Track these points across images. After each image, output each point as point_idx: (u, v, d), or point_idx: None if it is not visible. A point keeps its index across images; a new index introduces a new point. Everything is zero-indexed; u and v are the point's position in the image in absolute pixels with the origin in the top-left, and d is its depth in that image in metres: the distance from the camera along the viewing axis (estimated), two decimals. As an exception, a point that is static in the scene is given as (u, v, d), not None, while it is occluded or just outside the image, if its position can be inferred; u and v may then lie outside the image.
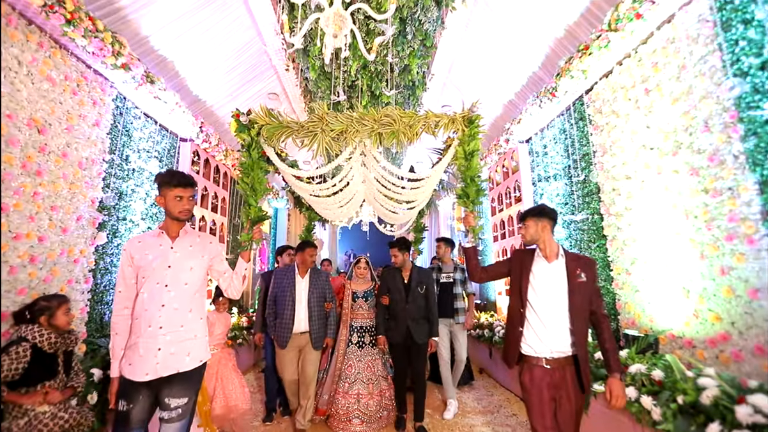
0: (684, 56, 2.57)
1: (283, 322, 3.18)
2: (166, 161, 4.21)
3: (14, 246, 2.40)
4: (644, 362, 2.41)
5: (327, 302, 3.40)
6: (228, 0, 3.71)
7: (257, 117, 2.80)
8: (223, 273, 2.16)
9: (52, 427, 2.01)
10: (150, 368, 1.79)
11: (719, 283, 2.38)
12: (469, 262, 2.33)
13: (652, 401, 2.09)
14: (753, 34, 2.11)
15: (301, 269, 3.37)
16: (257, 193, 2.70)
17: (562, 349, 1.92)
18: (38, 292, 2.56)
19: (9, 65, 2.39)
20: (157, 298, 1.86)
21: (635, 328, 3.10)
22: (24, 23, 2.50)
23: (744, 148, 2.19)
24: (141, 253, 1.90)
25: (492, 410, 3.85)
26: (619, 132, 3.24)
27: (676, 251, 2.69)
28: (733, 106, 2.24)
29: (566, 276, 1.95)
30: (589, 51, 3.15)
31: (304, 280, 3.33)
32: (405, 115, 2.49)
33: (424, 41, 3.84)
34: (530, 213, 2.11)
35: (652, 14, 2.64)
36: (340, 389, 3.41)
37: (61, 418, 2.05)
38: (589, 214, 3.69)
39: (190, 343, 1.92)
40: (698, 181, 2.49)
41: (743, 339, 2.24)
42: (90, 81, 3.08)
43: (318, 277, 3.41)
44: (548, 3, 3.41)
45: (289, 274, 3.34)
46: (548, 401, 1.94)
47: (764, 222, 2.10)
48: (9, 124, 2.38)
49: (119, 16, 3.09)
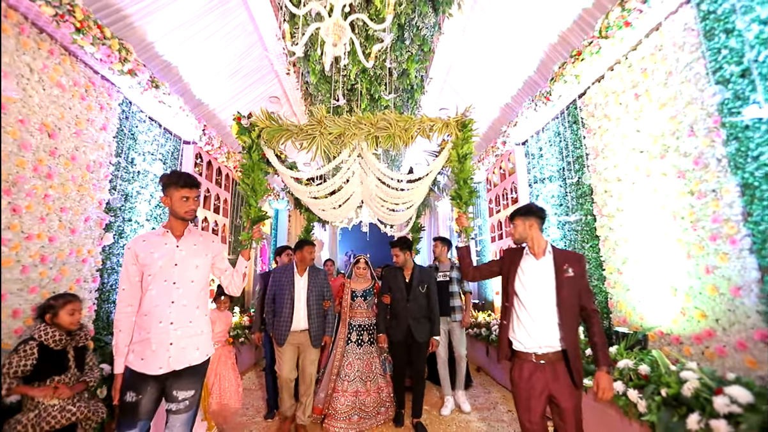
0: (671, 63, 2.66)
1: (282, 320, 3.22)
2: (170, 164, 4.31)
3: (26, 246, 2.50)
4: (632, 358, 2.50)
5: (325, 300, 3.45)
6: (230, 6, 3.81)
7: (258, 120, 2.90)
8: (224, 271, 2.24)
9: (59, 420, 2.07)
10: (163, 362, 1.88)
11: (704, 281, 2.47)
12: (462, 261, 2.43)
13: (638, 395, 2.19)
14: (734, 43, 2.21)
15: (300, 267, 3.41)
16: (257, 194, 2.80)
17: (552, 344, 2.00)
18: (48, 290, 2.66)
19: (22, 72, 2.49)
20: (167, 296, 1.94)
21: (626, 325, 3.19)
22: (35, 32, 2.60)
23: (726, 152, 2.28)
24: (146, 252, 1.96)
25: (488, 407, 3.94)
26: (610, 135, 3.33)
27: (664, 251, 2.79)
28: (716, 112, 2.33)
29: (554, 271, 2.03)
30: (581, 57, 3.24)
31: (303, 279, 3.37)
32: (400, 119, 2.59)
33: (422, 46, 3.94)
34: (518, 212, 2.20)
35: (640, 22, 2.74)
36: (339, 387, 3.44)
37: (68, 411, 2.12)
38: (582, 215, 3.79)
39: (198, 338, 2.01)
40: (684, 184, 2.59)
41: (726, 335, 2.33)
42: (97, 86, 3.18)
43: (316, 275, 3.46)
44: (542, 10, 3.51)
45: (287, 273, 3.38)
46: (538, 396, 1.99)
47: (745, 223, 2.19)
48: (22, 128, 2.48)
49: (126, 23, 3.19)
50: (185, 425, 1.97)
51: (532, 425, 2.02)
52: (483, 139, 5.99)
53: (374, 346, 3.66)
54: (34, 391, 2.08)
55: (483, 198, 6.56)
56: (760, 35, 2.07)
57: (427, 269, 3.69)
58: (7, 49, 2.37)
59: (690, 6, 2.50)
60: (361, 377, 3.50)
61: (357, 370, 3.51)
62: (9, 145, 2.39)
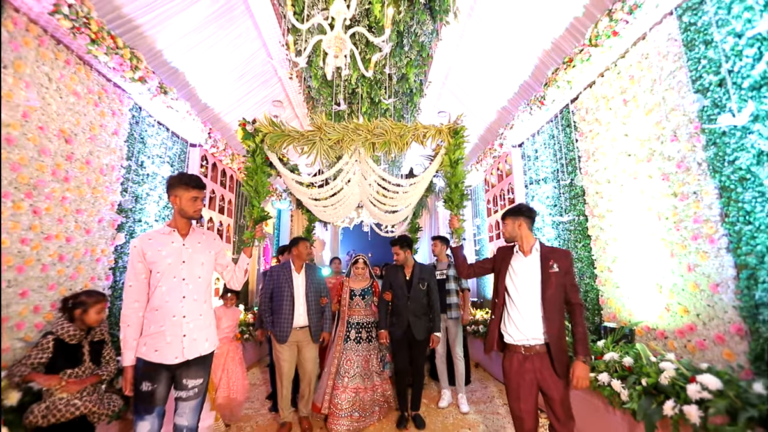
0: (656, 71, 2.79)
1: (282, 318, 3.24)
2: (177, 166, 4.47)
3: (46, 245, 2.65)
4: (618, 351, 2.63)
5: (322, 297, 3.51)
6: (235, 14, 3.96)
7: (261, 125, 3.05)
8: (226, 266, 2.39)
9: (64, 413, 2.14)
10: (178, 353, 2.03)
11: (686, 279, 2.60)
12: (456, 260, 2.57)
13: (621, 385, 2.33)
14: (712, 54, 2.34)
15: (297, 264, 3.45)
16: (260, 195, 2.95)
17: (538, 337, 2.14)
18: (65, 288, 2.81)
19: (41, 82, 2.64)
20: (177, 291, 2.08)
21: (616, 321, 3.33)
22: (53, 43, 2.75)
23: (706, 157, 2.42)
24: (153, 250, 2.09)
25: (485, 401, 4.08)
26: (601, 139, 3.47)
27: (650, 250, 2.92)
28: (697, 119, 2.47)
29: (540, 267, 2.17)
30: (572, 63, 3.37)
31: (300, 276, 3.41)
32: (396, 126, 2.74)
33: (420, 52, 4.08)
34: (508, 212, 2.34)
35: (627, 32, 2.87)
36: (339, 384, 3.49)
37: (73, 405, 2.19)
38: (575, 216, 3.92)
39: (207, 330, 2.17)
40: (668, 186, 2.72)
41: (707, 329, 2.46)
42: (109, 93, 3.33)
43: (313, 272, 3.51)
44: (536, 18, 3.64)
45: (285, 271, 3.41)
46: (528, 386, 2.12)
47: (723, 223, 2.33)
48: (41, 135, 2.63)
49: (137, 33, 3.34)
50: (194, 411, 2.14)
51: (522, 413, 2.15)
52: (481, 141, 6.13)
53: (372, 344, 3.71)
54: (40, 378, 2.18)
55: (482, 198, 6.70)
56: (734, 47, 2.20)
57: (427, 267, 3.75)
58: (28, 60, 2.53)
59: (673, 17, 2.63)
60: (361, 374, 3.55)
61: (356, 367, 3.56)
62: (30, 150, 2.54)
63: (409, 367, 3.50)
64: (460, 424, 3.54)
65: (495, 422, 3.52)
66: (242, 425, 3.53)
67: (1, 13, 2.29)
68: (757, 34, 2.04)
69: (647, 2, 2.60)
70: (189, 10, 3.49)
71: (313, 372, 3.37)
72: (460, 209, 2.71)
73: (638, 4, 2.64)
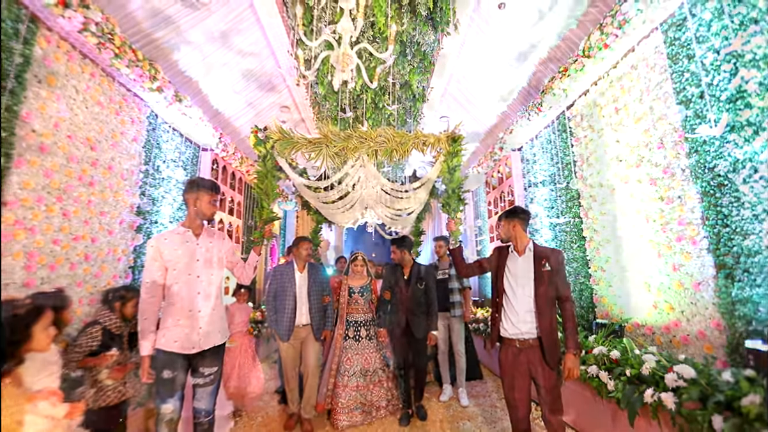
0: (644, 82, 2.96)
1: (285, 316, 3.29)
2: (190, 169, 4.68)
3: (74, 246, 2.87)
4: (606, 345, 2.80)
5: (324, 296, 3.56)
6: (246, 25, 4.15)
7: (271, 133, 3.24)
8: (236, 264, 2.58)
9: (112, 398, 2.41)
10: (195, 343, 2.24)
11: (672, 278, 2.77)
12: (455, 260, 2.75)
13: (608, 376, 2.50)
14: (694, 68, 2.50)
15: (299, 264, 3.48)
16: (270, 197, 3.14)
17: (530, 331, 2.30)
18: (91, 285, 3.02)
19: (69, 94, 2.85)
20: (193, 287, 2.27)
21: (609, 318, 3.49)
22: (80, 57, 2.96)
23: (688, 164, 2.58)
24: (170, 249, 2.26)
25: (484, 395, 4.25)
26: (595, 145, 3.64)
27: (640, 251, 3.09)
28: (681, 127, 2.63)
29: (533, 266, 2.34)
30: (567, 73, 3.54)
31: (303, 275, 3.45)
32: (397, 135, 2.93)
33: (422, 60, 4.25)
34: (504, 214, 2.51)
35: (617, 45, 3.04)
36: (340, 383, 3.51)
37: (119, 391, 2.46)
38: (571, 218, 4.09)
39: (220, 322, 2.38)
40: (656, 190, 2.89)
41: (690, 325, 2.63)
42: (129, 102, 3.54)
43: (316, 271, 3.55)
44: (533, 28, 3.81)
45: (288, 270, 3.44)
46: (521, 377, 2.29)
47: (704, 226, 2.49)
48: (69, 143, 2.84)
49: (155, 45, 3.54)
50: (211, 396, 2.36)
51: (516, 402, 2.33)
52: (482, 145, 6.30)
53: (372, 342, 3.75)
54: (93, 360, 2.39)
55: (483, 200, 6.87)
56: (714, 62, 2.36)
57: (427, 267, 3.84)
58: (59, 74, 2.74)
59: (660, 32, 2.80)
60: (361, 372, 3.57)
61: (356, 365, 3.58)
62: (60, 158, 2.75)
63: (410, 364, 3.61)
64: (459, 415, 3.71)
65: (493, 414, 3.70)
66: (254, 415, 3.73)
67: (1, 13, 2.37)
68: (733, 51, 2.20)
69: (635, 18, 2.77)
70: (203, 23, 3.69)
71: (315, 367, 3.45)
72: (457, 213, 2.89)
73: (627, 20, 2.81)
